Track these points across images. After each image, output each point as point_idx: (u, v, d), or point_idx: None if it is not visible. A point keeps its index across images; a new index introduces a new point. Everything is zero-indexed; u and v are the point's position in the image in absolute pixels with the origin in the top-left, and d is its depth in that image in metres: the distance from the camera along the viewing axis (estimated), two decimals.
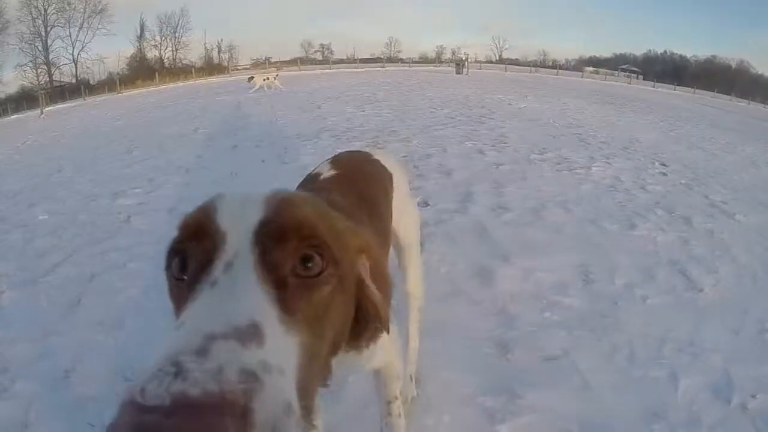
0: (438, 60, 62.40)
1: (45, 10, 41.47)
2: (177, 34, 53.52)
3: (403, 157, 5.50)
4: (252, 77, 17.42)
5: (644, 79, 54.17)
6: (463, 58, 38.67)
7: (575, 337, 2.24)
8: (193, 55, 55.78)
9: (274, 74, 17.50)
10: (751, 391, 1.95)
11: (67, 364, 1.88)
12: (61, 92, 37.25)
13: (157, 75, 43.00)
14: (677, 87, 44.52)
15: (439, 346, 2.07)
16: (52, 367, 1.87)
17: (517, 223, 3.60)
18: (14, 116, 26.51)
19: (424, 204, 3.86)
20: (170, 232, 0.62)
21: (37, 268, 2.60)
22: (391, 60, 60.35)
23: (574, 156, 6.11)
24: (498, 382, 1.89)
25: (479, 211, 3.79)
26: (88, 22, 45.65)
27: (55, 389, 1.77)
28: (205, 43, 57.28)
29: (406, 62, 57.18)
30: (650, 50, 72.53)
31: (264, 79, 16.67)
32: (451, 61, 46.42)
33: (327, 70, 39.12)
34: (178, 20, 52.97)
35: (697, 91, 42.53)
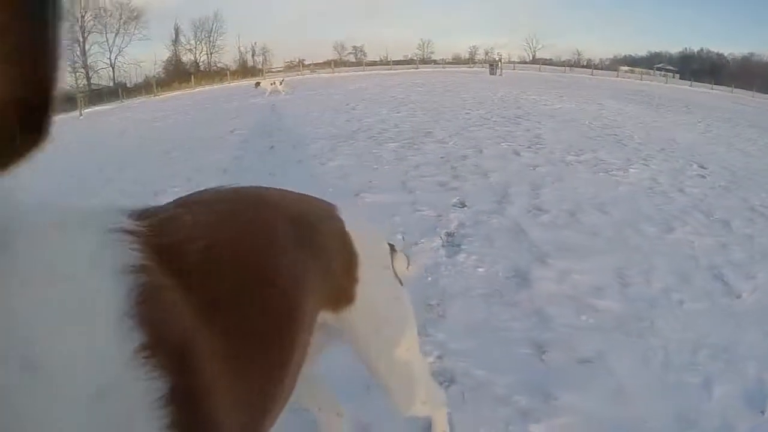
0: (471, 61, 61.86)
1: (82, 17, 42.60)
2: (211, 38, 54.78)
3: (441, 158, 5.55)
4: (258, 83, 20.03)
5: (680, 78, 52.83)
6: (497, 59, 38.55)
7: (610, 340, 2.26)
8: (227, 58, 57.06)
9: (280, 80, 20.08)
10: None
11: None
12: (99, 95, 38.12)
13: (192, 78, 44.06)
14: (714, 86, 43.28)
15: (475, 345, 2.12)
16: None
17: (554, 225, 3.62)
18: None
19: (461, 205, 3.91)
20: None
21: None
22: (424, 61, 60.25)
23: (610, 158, 6.06)
24: (533, 383, 1.92)
25: (516, 212, 3.82)
26: (124, 28, 46.94)
27: None
28: (239, 47, 58.41)
29: (440, 63, 56.99)
30: (686, 48, 70.65)
31: (271, 84, 19.03)
32: (484, 62, 46.15)
33: (360, 72, 39.31)
34: (212, 25, 54.30)
35: (734, 90, 41.23)
